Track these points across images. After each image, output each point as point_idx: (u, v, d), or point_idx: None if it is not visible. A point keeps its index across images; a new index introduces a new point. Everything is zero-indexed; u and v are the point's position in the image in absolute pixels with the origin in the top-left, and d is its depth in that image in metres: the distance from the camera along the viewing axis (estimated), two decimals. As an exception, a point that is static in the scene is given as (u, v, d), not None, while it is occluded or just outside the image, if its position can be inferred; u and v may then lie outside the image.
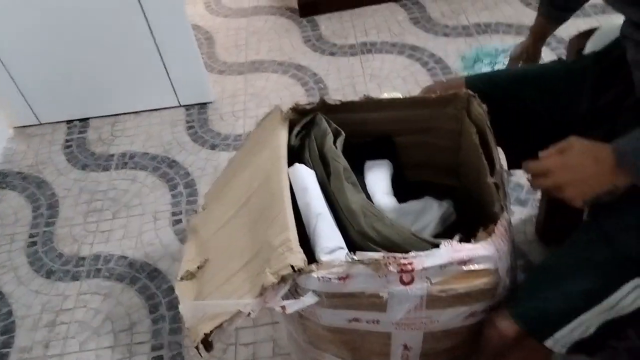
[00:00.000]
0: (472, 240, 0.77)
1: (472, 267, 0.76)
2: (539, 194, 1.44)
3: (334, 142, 0.90)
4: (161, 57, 1.86)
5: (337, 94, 1.94)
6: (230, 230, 0.96)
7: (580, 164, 0.73)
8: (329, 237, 0.79)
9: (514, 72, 1.08)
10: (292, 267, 0.74)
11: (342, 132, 0.92)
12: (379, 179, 1.00)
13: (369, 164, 1.03)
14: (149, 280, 1.47)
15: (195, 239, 1.06)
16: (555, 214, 1.34)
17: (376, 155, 1.05)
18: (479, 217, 0.90)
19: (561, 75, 1.00)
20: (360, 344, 0.87)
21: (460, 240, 0.77)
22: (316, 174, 0.88)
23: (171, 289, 1.43)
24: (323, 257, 0.78)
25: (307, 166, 0.90)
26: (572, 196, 0.73)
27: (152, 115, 2.00)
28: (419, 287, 0.76)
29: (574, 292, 0.75)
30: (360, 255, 0.75)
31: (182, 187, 1.72)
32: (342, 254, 0.78)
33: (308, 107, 1.00)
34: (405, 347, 0.86)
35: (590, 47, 1.05)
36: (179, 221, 1.61)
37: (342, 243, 0.79)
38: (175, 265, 1.49)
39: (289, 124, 0.98)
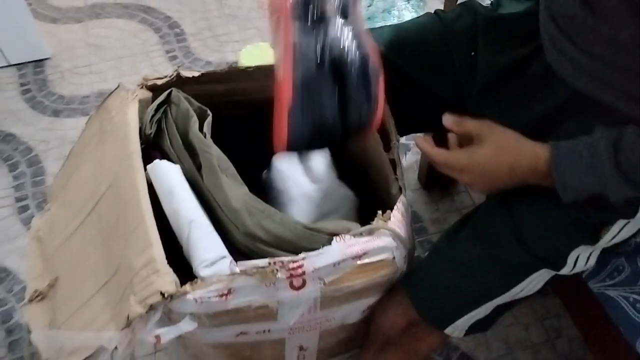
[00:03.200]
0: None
1: (367, 260, 0.69)
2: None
3: (201, 127, 0.74)
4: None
5: (196, 40, 1.73)
6: (79, 242, 0.80)
7: (493, 168, 0.62)
8: (207, 247, 0.67)
9: (388, 33, 0.83)
10: (162, 293, 0.62)
11: (209, 112, 0.77)
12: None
13: None
14: (-4, 284, 1.25)
15: (40, 248, 0.88)
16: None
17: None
18: (372, 193, 0.83)
19: (437, 39, 0.79)
20: (251, 353, 0.78)
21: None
22: (182, 167, 0.74)
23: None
24: (202, 271, 0.66)
25: (170, 159, 0.75)
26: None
27: (-26, 79, 1.66)
28: (312, 290, 0.68)
29: (479, 285, 0.70)
30: (242, 265, 0.64)
31: (25, 166, 1.46)
32: (226, 264, 0.66)
33: (160, 82, 0.83)
34: (301, 347, 0.79)
35: None
36: (26, 208, 1.38)
37: (224, 251, 0.67)
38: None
39: (140, 105, 0.81)
